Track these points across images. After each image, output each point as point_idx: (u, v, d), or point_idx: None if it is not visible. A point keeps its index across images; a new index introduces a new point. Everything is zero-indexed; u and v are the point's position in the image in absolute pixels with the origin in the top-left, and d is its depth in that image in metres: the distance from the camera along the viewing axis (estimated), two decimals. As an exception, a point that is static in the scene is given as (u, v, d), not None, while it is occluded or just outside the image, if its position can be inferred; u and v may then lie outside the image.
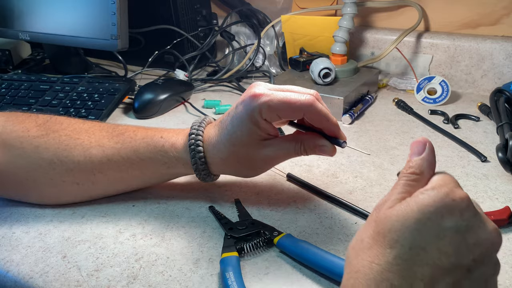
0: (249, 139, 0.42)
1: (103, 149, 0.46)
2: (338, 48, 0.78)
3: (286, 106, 0.40)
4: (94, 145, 0.46)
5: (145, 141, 0.46)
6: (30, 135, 0.46)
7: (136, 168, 0.46)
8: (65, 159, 0.45)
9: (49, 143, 0.46)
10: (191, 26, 0.94)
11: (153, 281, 0.38)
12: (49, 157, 0.45)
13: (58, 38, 0.82)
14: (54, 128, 0.47)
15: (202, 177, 0.46)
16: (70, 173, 0.46)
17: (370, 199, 0.48)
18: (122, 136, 0.47)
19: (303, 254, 0.38)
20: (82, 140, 0.46)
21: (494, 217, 0.42)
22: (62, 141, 0.46)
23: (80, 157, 0.46)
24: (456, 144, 0.60)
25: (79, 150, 0.46)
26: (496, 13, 0.77)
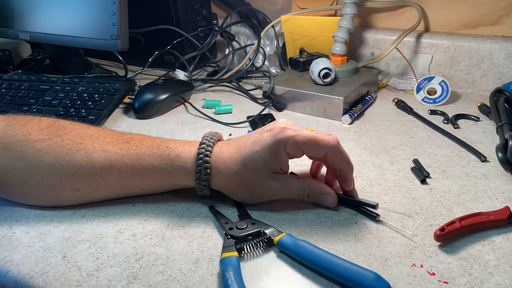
0: (263, 166, 0.44)
1: (107, 154, 0.45)
2: (338, 48, 0.78)
3: (312, 143, 0.43)
4: (97, 150, 0.46)
5: (150, 149, 0.46)
6: (32, 139, 0.45)
7: (138, 175, 0.46)
8: (67, 163, 0.45)
9: (51, 147, 0.45)
10: (191, 26, 0.94)
11: (153, 281, 0.38)
12: (50, 161, 0.45)
13: (58, 38, 0.83)
14: (57, 133, 0.46)
15: (201, 188, 0.46)
16: (70, 178, 0.45)
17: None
18: (127, 144, 0.46)
19: (303, 254, 0.38)
20: (85, 145, 0.46)
21: (494, 217, 0.42)
22: (65, 145, 0.45)
23: (82, 162, 0.45)
24: (456, 144, 0.60)
25: (82, 155, 0.45)
26: (496, 13, 0.77)
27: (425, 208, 0.46)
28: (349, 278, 0.35)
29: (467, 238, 0.41)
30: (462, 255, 0.39)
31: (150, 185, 0.47)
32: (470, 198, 0.48)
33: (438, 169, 0.54)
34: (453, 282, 0.36)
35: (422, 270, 0.38)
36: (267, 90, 0.74)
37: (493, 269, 0.38)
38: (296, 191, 0.45)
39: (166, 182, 0.47)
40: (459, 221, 0.41)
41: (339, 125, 0.68)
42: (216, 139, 0.47)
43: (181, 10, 0.90)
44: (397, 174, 0.53)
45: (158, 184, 0.47)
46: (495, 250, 0.40)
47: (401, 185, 0.50)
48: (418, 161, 0.55)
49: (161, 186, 0.48)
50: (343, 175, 0.46)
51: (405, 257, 0.39)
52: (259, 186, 0.45)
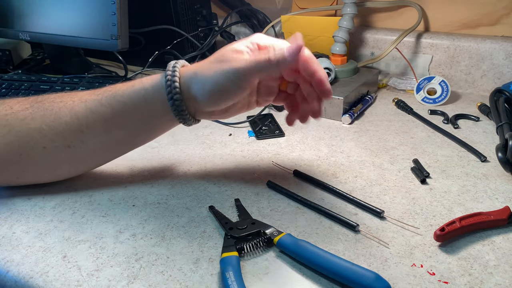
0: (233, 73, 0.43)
1: (86, 104, 0.47)
2: (338, 48, 0.78)
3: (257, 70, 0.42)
4: (77, 103, 0.48)
5: (123, 85, 0.48)
6: (14, 111, 0.47)
7: (119, 114, 0.47)
8: (53, 123, 0.47)
9: (35, 113, 0.47)
10: (191, 26, 0.94)
11: (153, 281, 0.38)
12: (37, 125, 0.47)
13: (58, 38, 0.83)
14: (37, 100, 0.49)
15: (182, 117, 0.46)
16: (60, 135, 0.47)
17: (370, 199, 0.48)
18: (102, 90, 0.48)
19: (303, 254, 0.38)
20: (66, 102, 0.48)
21: (494, 217, 0.42)
22: (46, 107, 0.47)
23: (66, 118, 0.47)
24: (455, 144, 0.60)
25: (64, 111, 0.47)
26: (496, 13, 0.77)
27: (425, 208, 0.46)
28: (349, 278, 0.35)
29: (467, 238, 0.41)
30: (462, 255, 0.39)
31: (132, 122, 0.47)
32: (470, 198, 0.48)
33: (438, 169, 0.54)
34: (453, 282, 0.36)
35: (422, 270, 0.38)
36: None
37: (493, 269, 0.38)
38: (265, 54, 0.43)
39: (144, 113, 0.47)
40: (459, 221, 0.41)
41: (339, 125, 0.68)
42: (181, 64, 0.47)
43: (181, 10, 0.90)
44: (397, 174, 0.53)
45: (140, 119, 0.47)
46: (495, 250, 0.40)
47: (401, 185, 0.50)
48: (418, 161, 0.55)
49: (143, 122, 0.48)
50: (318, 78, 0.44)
51: (405, 257, 0.39)
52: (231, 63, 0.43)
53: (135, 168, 0.56)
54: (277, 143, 0.62)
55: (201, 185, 0.51)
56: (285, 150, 0.60)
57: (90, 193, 0.50)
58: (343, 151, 0.59)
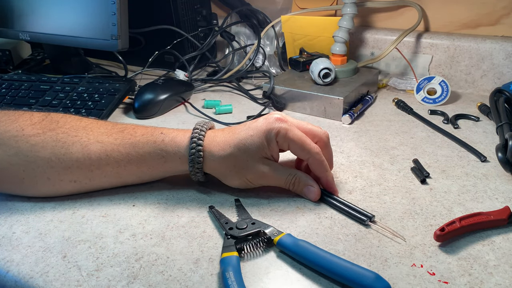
0: (256, 150, 0.46)
1: (102, 145, 0.47)
2: (338, 48, 0.78)
3: (299, 143, 0.46)
4: (92, 141, 0.47)
5: (144, 137, 0.47)
6: (25, 134, 0.46)
7: (134, 163, 0.47)
8: (63, 156, 0.46)
9: (46, 142, 0.46)
10: (191, 26, 0.94)
11: (153, 281, 0.38)
12: (47, 155, 0.46)
13: (58, 38, 0.83)
14: (50, 127, 0.47)
15: (194, 172, 0.47)
16: (68, 171, 0.46)
17: (370, 199, 0.48)
18: (121, 133, 0.48)
19: (303, 254, 0.38)
20: (80, 137, 0.47)
21: (494, 217, 0.42)
22: (60, 139, 0.46)
23: (78, 154, 0.46)
24: (455, 144, 0.60)
25: (78, 147, 0.46)
26: (495, 13, 0.77)
27: (425, 208, 0.46)
28: (349, 278, 0.35)
29: (467, 238, 0.41)
30: (462, 255, 0.39)
31: (145, 171, 0.48)
32: (470, 198, 0.48)
33: (438, 169, 0.54)
34: (453, 282, 0.36)
35: (422, 270, 0.38)
36: (267, 90, 0.74)
37: (493, 269, 0.38)
38: (284, 178, 0.47)
39: (160, 168, 0.48)
40: (459, 221, 0.41)
41: (339, 125, 0.68)
42: (209, 127, 0.49)
43: (181, 10, 0.90)
44: (397, 174, 0.53)
45: (153, 171, 0.48)
46: (495, 250, 0.40)
47: (401, 185, 0.50)
48: (418, 161, 0.55)
49: (156, 173, 0.49)
50: (324, 182, 0.48)
51: (405, 257, 0.39)
52: (250, 170, 0.46)
53: (135, 168, 0.56)
54: (277, 143, 0.62)
55: (201, 185, 0.51)
56: (285, 150, 0.60)
57: (90, 193, 0.50)
58: (343, 151, 0.59)
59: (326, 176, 0.48)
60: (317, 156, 0.46)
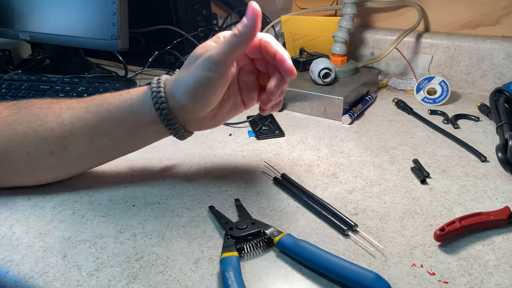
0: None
1: (73, 111, 0.48)
2: (338, 48, 0.78)
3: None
4: (64, 109, 0.48)
5: (112, 95, 0.49)
6: (3, 116, 0.48)
7: (105, 123, 0.47)
8: (39, 128, 0.47)
9: (22, 118, 0.48)
10: (191, 26, 0.94)
11: (153, 281, 0.38)
12: (23, 129, 0.47)
13: (58, 38, 0.83)
14: (25, 105, 0.49)
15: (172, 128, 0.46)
16: (44, 141, 0.47)
17: (370, 199, 0.48)
18: (91, 99, 0.49)
19: (303, 254, 0.38)
20: (53, 108, 0.48)
21: (494, 217, 0.42)
22: (34, 113, 0.48)
23: (52, 123, 0.47)
24: (455, 144, 0.60)
25: (51, 117, 0.48)
26: (496, 13, 0.77)
27: (425, 208, 0.46)
28: (349, 278, 0.35)
29: (467, 238, 0.41)
30: (462, 255, 0.39)
31: (119, 132, 0.48)
32: (470, 198, 0.48)
33: (438, 169, 0.54)
34: (453, 282, 0.36)
35: (422, 270, 0.38)
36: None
37: (493, 269, 0.38)
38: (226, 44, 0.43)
39: (132, 124, 0.47)
40: (459, 221, 0.41)
41: (339, 125, 0.68)
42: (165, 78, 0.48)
43: (181, 10, 0.90)
44: (397, 174, 0.53)
45: (127, 130, 0.47)
46: (495, 250, 0.40)
47: (401, 185, 0.50)
48: (418, 161, 0.55)
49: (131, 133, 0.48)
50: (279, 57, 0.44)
51: (405, 257, 0.39)
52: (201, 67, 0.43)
53: (135, 168, 0.56)
54: (277, 143, 0.62)
55: (201, 185, 0.51)
56: (285, 150, 0.60)
57: (90, 193, 0.50)
58: (343, 151, 0.59)
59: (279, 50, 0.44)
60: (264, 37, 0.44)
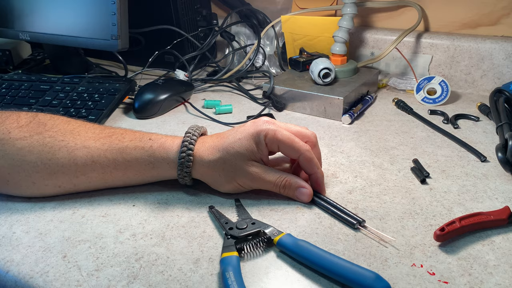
0: (244, 152, 0.45)
1: (88, 150, 0.46)
2: (338, 48, 0.78)
3: (288, 142, 0.45)
4: (79, 146, 0.46)
5: (132, 142, 0.47)
6: (12, 137, 0.45)
7: (121, 169, 0.47)
8: (49, 162, 0.46)
9: (33, 146, 0.45)
10: (191, 26, 0.94)
11: (153, 281, 0.38)
12: (33, 159, 0.45)
13: (58, 38, 0.83)
14: (37, 130, 0.46)
15: (182, 176, 0.47)
16: (53, 176, 0.46)
17: (370, 199, 0.48)
18: (109, 138, 0.47)
19: (303, 254, 0.38)
20: (67, 142, 0.46)
21: (494, 217, 0.42)
22: (46, 143, 0.46)
23: (64, 160, 0.46)
24: (455, 144, 0.60)
25: (64, 152, 0.46)
26: (495, 13, 0.77)
27: (425, 208, 0.46)
28: (349, 278, 0.36)
29: (467, 238, 0.41)
30: (462, 255, 0.39)
31: (131, 177, 0.48)
32: (470, 198, 0.48)
33: (438, 169, 0.54)
34: (453, 282, 0.36)
35: (422, 270, 0.38)
36: (267, 90, 0.74)
37: (493, 269, 0.38)
38: (274, 180, 0.46)
39: (147, 173, 0.48)
40: (459, 221, 0.41)
41: (339, 125, 0.68)
42: (201, 132, 0.49)
43: (181, 10, 0.90)
44: (397, 174, 0.53)
45: (139, 176, 0.48)
46: (495, 250, 0.40)
47: (401, 185, 0.50)
48: (418, 161, 0.55)
49: (142, 178, 0.49)
50: (314, 179, 0.48)
51: (405, 257, 0.39)
52: (239, 173, 0.46)
53: (135, 168, 0.56)
54: (277, 143, 0.62)
55: (201, 185, 0.51)
56: (285, 150, 0.60)
57: (90, 193, 0.50)
58: (343, 151, 0.59)
59: (316, 173, 0.47)
60: (307, 153, 0.46)
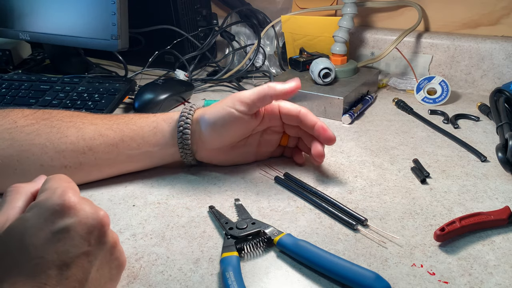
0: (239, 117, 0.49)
1: (96, 126, 0.48)
2: (338, 48, 0.78)
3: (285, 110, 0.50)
4: (87, 124, 0.48)
5: (138, 115, 0.50)
6: (19, 125, 0.46)
7: (126, 140, 0.48)
8: (58, 141, 0.46)
9: (41, 129, 0.46)
10: (191, 26, 0.94)
11: (153, 281, 0.38)
12: (42, 141, 0.46)
13: (58, 38, 0.83)
14: (43, 116, 0.48)
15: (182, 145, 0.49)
16: (60, 154, 0.47)
17: (370, 199, 0.48)
18: (116, 117, 0.50)
19: (303, 254, 0.38)
20: (75, 122, 0.48)
21: (494, 217, 0.42)
22: (54, 125, 0.47)
23: (73, 137, 0.47)
24: (456, 144, 0.60)
25: (72, 130, 0.47)
26: (496, 13, 0.77)
27: (425, 208, 0.46)
28: (349, 278, 0.36)
29: (467, 238, 0.41)
30: (462, 255, 0.39)
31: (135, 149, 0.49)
32: (470, 198, 0.48)
33: (438, 169, 0.54)
34: (453, 282, 0.36)
35: (422, 270, 0.38)
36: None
37: (493, 269, 0.38)
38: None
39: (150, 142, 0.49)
40: (459, 221, 0.41)
41: (339, 125, 0.68)
42: (196, 107, 0.51)
43: (181, 10, 0.90)
44: (397, 174, 0.53)
45: (145, 152, 0.49)
46: (495, 250, 0.40)
47: (401, 185, 0.50)
48: (418, 161, 0.55)
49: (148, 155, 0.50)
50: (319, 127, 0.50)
51: (405, 257, 0.39)
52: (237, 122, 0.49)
53: (135, 168, 0.56)
54: (277, 143, 0.62)
55: (201, 185, 0.51)
56: (285, 150, 0.60)
57: (90, 193, 0.50)
58: (343, 151, 0.59)
59: (318, 121, 0.50)
60: (303, 109, 0.50)
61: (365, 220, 0.43)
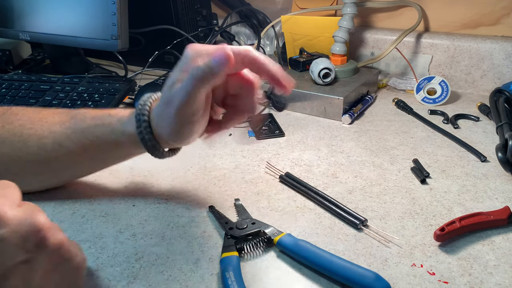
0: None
1: (54, 136, 0.46)
2: (338, 48, 0.78)
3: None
4: (46, 134, 0.47)
5: (94, 121, 0.46)
6: None
7: (89, 150, 0.46)
8: (20, 151, 0.46)
9: (5, 137, 0.46)
10: (191, 26, 0.94)
11: (153, 281, 0.38)
12: (6, 151, 0.46)
13: (58, 38, 0.83)
14: (9, 120, 0.47)
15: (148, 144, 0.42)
16: (29, 164, 0.46)
17: (370, 199, 0.48)
18: (73, 120, 0.47)
19: (303, 254, 0.38)
20: (36, 130, 0.47)
21: (494, 217, 0.42)
22: (16, 132, 0.46)
23: (34, 148, 0.46)
24: (455, 144, 0.60)
25: (33, 140, 0.46)
26: (495, 13, 0.77)
27: (425, 208, 0.46)
28: (349, 278, 0.36)
29: (467, 238, 0.41)
30: (462, 255, 0.39)
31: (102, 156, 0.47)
32: (470, 198, 0.48)
33: (438, 169, 0.54)
34: (453, 282, 0.36)
35: (422, 270, 0.38)
36: (267, 90, 0.74)
37: (493, 269, 0.38)
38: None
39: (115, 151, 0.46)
40: (459, 221, 0.41)
41: (339, 125, 0.68)
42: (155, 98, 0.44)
43: (181, 10, 0.90)
44: (397, 174, 0.53)
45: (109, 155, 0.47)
46: (495, 250, 0.40)
47: (401, 185, 0.50)
48: (418, 161, 0.55)
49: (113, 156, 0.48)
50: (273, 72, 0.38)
51: (405, 257, 0.39)
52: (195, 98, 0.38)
53: (135, 168, 0.56)
54: (277, 143, 0.62)
55: (201, 185, 0.51)
56: (285, 150, 0.60)
57: (90, 193, 0.50)
58: (343, 151, 0.59)
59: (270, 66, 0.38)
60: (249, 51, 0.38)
61: (365, 220, 0.43)
